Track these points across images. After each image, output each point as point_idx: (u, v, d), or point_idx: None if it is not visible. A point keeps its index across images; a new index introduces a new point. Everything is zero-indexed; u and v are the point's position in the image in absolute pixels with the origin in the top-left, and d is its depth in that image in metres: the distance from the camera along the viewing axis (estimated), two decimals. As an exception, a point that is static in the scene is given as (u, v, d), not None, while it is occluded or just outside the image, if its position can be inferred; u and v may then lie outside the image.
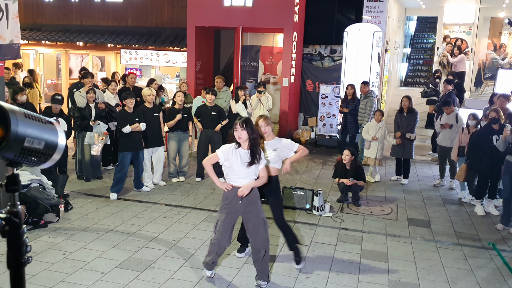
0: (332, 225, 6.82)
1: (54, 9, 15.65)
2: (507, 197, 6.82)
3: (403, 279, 5.17)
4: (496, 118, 7.20)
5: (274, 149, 5.17)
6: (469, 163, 7.71)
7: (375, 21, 12.04)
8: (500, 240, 6.46)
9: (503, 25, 16.15)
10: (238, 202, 4.59)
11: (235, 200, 4.59)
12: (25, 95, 8.15)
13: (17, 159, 1.52)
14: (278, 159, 5.22)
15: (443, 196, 8.52)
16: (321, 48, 13.40)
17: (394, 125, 9.23)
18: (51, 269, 5.06)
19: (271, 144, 5.19)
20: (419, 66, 17.51)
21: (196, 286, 4.82)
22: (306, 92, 13.65)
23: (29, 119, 1.53)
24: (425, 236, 6.54)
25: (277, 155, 5.17)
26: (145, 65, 14.71)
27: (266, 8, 12.02)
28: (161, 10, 14.74)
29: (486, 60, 15.61)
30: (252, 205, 4.65)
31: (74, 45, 14.98)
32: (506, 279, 5.27)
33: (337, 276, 5.18)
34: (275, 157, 5.17)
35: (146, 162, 8.15)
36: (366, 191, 8.45)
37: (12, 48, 11.74)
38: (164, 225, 6.53)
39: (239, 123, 4.49)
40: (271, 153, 5.16)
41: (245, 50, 13.47)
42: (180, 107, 8.57)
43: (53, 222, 6.38)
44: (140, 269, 5.15)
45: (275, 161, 5.20)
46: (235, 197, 4.58)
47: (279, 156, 5.20)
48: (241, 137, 4.49)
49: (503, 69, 13.52)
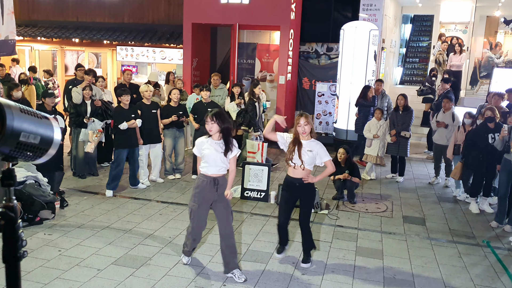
0: (327, 222, 6.84)
1: (50, 5, 15.60)
2: (503, 195, 6.86)
3: (398, 276, 5.19)
4: (492, 116, 7.23)
5: (310, 149, 5.05)
6: (465, 161, 7.75)
7: (371, 19, 12.05)
8: (494, 238, 6.50)
9: (499, 24, 16.22)
10: (212, 189, 4.81)
11: (208, 188, 4.82)
12: (20, 91, 8.13)
13: (12, 153, 1.52)
14: (313, 161, 5.10)
15: (438, 194, 8.55)
16: (318, 46, 13.40)
17: (389, 123, 9.26)
18: (46, 266, 5.05)
19: (307, 144, 5.06)
20: (415, 64, 17.54)
21: (192, 282, 4.83)
22: (303, 90, 13.66)
23: (25, 114, 1.53)
24: (420, 233, 6.57)
25: (312, 157, 5.05)
26: (141, 62, 14.69)
27: (263, 5, 12.01)
28: (158, 6, 14.72)
29: (482, 58, 15.67)
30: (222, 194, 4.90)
31: (70, 41, 14.94)
32: (500, 276, 5.31)
33: (332, 273, 5.20)
34: (309, 158, 5.05)
35: (142, 159, 8.15)
36: (362, 188, 8.47)
37: (7, 44, 11.74)
38: (160, 222, 6.53)
39: (209, 117, 4.73)
40: (306, 153, 5.03)
41: (242, 47, 13.46)
42: (176, 105, 8.57)
43: (48, 219, 6.38)
44: (136, 266, 5.15)
45: (310, 163, 5.08)
46: (207, 185, 4.81)
47: (314, 158, 5.08)
48: (212, 130, 4.76)
49: (498, 67, 13.57)
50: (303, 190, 5.17)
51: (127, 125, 7.58)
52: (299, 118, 5.08)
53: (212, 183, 4.82)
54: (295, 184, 5.15)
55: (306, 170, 5.08)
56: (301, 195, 5.24)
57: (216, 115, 4.72)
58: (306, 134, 5.05)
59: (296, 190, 5.18)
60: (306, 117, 5.05)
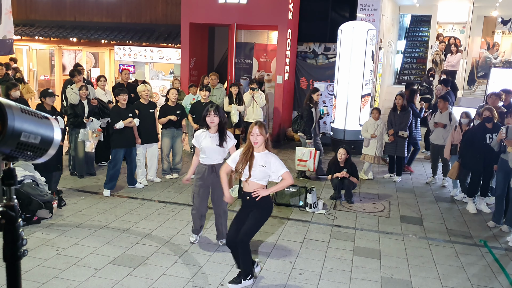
0: (325, 222, 6.85)
1: (47, 4, 15.57)
2: (500, 195, 6.89)
3: (395, 276, 5.21)
4: (490, 117, 7.25)
5: (263, 164, 4.57)
6: (462, 161, 7.77)
7: (369, 19, 12.07)
8: (491, 238, 6.53)
9: (496, 24, 16.26)
10: (210, 175, 5.46)
11: (207, 174, 5.47)
12: (19, 91, 8.12)
13: (13, 153, 1.53)
14: (265, 176, 4.62)
15: (435, 193, 8.58)
16: (315, 45, 13.41)
17: (387, 122, 9.28)
18: (44, 265, 5.05)
19: (260, 158, 4.59)
20: (412, 64, 17.58)
21: (189, 282, 4.84)
22: (300, 90, 13.66)
23: (26, 114, 1.54)
24: (417, 233, 6.59)
25: (263, 171, 4.57)
26: (139, 61, 14.67)
27: (261, 5, 12.02)
28: (155, 6, 14.71)
29: (479, 58, 15.71)
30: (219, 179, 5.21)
31: (68, 41, 14.92)
32: (497, 276, 5.33)
33: (329, 272, 5.22)
34: (260, 173, 4.56)
35: (140, 159, 8.15)
36: (359, 188, 8.49)
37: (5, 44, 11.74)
38: (158, 221, 6.54)
39: (213, 110, 5.35)
40: (257, 167, 4.56)
41: (239, 47, 13.46)
42: (174, 104, 8.57)
43: (46, 219, 6.37)
44: (134, 265, 5.16)
45: (260, 178, 4.60)
46: (206, 172, 5.48)
47: (265, 173, 4.59)
48: (213, 122, 5.37)
49: (496, 67, 13.61)
50: (255, 205, 4.65)
51: (123, 124, 7.58)
52: (252, 126, 4.59)
53: (211, 170, 5.47)
54: (246, 198, 4.70)
55: (257, 184, 4.63)
56: (252, 210, 4.70)
57: (218, 109, 5.40)
58: (258, 145, 4.57)
59: (248, 204, 4.70)
60: (260, 127, 4.55)
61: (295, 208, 7.33)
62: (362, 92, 10.92)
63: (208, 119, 5.38)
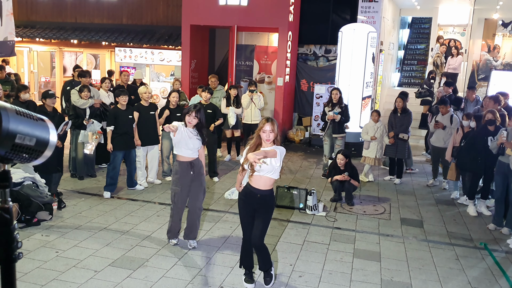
0: (325, 224, 6.84)
1: (48, 6, 15.59)
2: (499, 197, 6.87)
3: (395, 278, 5.20)
4: (492, 119, 7.23)
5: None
6: (460, 162, 7.77)
7: (370, 22, 12.08)
8: (492, 240, 6.51)
9: (497, 27, 16.24)
10: (189, 173, 5.55)
11: (186, 172, 5.55)
12: (28, 93, 8.16)
13: (8, 155, 1.52)
14: (272, 169, 4.54)
15: (435, 196, 8.56)
16: (316, 48, 13.41)
17: (387, 125, 9.27)
18: (43, 267, 5.05)
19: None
20: (413, 66, 17.57)
21: (189, 284, 4.83)
22: (301, 92, 13.66)
23: (21, 116, 1.53)
24: (417, 235, 6.57)
25: (270, 164, 4.50)
26: (139, 63, 14.67)
27: (261, 7, 12.02)
28: (156, 8, 14.72)
29: (480, 61, 15.68)
30: (199, 175, 5.65)
31: (68, 42, 14.93)
32: (497, 279, 5.31)
33: (329, 275, 5.20)
34: (267, 166, 4.49)
35: (140, 160, 8.14)
36: (360, 190, 8.48)
37: (6, 45, 11.75)
38: (158, 223, 6.53)
39: (195, 111, 5.47)
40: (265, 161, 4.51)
41: (240, 49, 13.46)
42: (174, 107, 8.56)
43: (46, 220, 6.37)
44: (133, 267, 5.15)
45: (268, 170, 4.52)
46: (184, 170, 5.55)
47: (272, 166, 4.51)
48: (191, 122, 5.50)
49: (496, 70, 13.58)
50: (260, 202, 4.62)
51: (112, 127, 7.60)
52: (264, 123, 4.52)
53: (189, 167, 5.55)
54: (257, 196, 4.60)
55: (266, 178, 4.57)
56: (257, 207, 4.65)
57: (200, 111, 5.54)
58: (270, 141, 4.54)
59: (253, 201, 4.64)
60: (272, 123, 4.52)
61: (295, 210, 7.32)
62: (362, 94, 10.92)
63: (187, 117, 5.51)
